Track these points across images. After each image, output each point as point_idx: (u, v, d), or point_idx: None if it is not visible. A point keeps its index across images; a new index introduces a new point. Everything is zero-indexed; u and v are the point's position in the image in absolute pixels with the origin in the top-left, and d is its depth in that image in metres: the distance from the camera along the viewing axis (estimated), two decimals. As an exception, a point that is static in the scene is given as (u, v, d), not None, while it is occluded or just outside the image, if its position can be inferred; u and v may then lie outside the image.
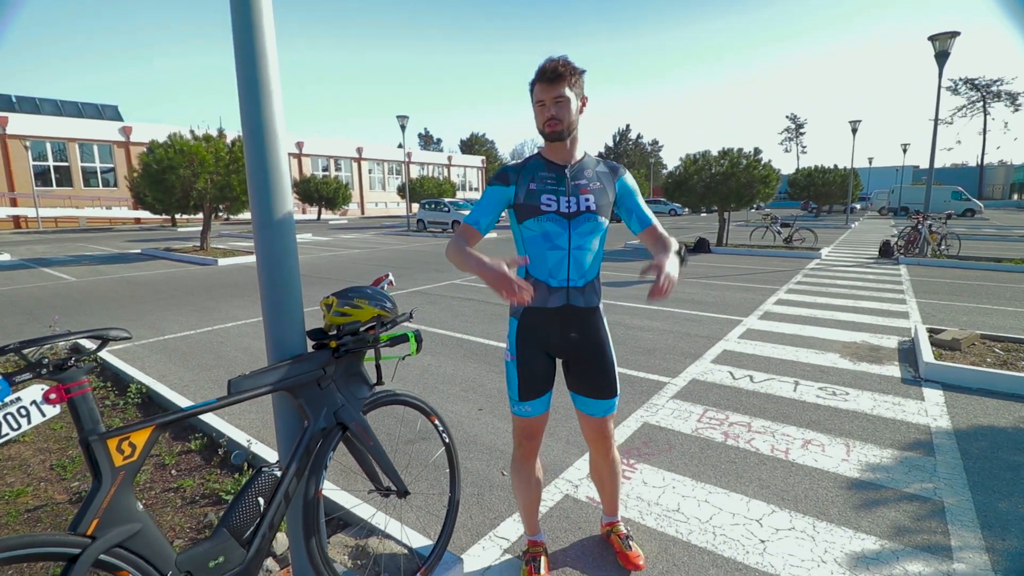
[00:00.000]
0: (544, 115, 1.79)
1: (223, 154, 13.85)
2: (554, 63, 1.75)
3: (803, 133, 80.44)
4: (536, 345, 1.95)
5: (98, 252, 16.30)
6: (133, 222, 32.19)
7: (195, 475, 2.84)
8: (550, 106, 1.78)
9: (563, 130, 1.80)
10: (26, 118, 28.94)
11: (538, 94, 1.78)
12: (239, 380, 1.45)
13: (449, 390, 4.31)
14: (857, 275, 10.32)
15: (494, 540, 2.41)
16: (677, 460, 3.12)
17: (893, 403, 3.94)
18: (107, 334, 1.28)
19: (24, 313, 7.52)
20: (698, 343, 5.57)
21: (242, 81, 1.53)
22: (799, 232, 15.85)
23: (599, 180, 1.92)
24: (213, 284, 9.97)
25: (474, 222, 1.86)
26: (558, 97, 1.77)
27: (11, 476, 2.87)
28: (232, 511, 1.46)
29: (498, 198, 1.87)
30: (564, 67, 1.75)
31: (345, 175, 43.52)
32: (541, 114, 1.80)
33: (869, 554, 2.28)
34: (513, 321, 1.99)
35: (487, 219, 1.87)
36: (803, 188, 35.12)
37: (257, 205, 1.60)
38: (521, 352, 1.95)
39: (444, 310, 7.36)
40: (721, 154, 14.92)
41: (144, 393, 3.99)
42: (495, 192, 1.87)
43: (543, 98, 1.78)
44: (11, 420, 1.11)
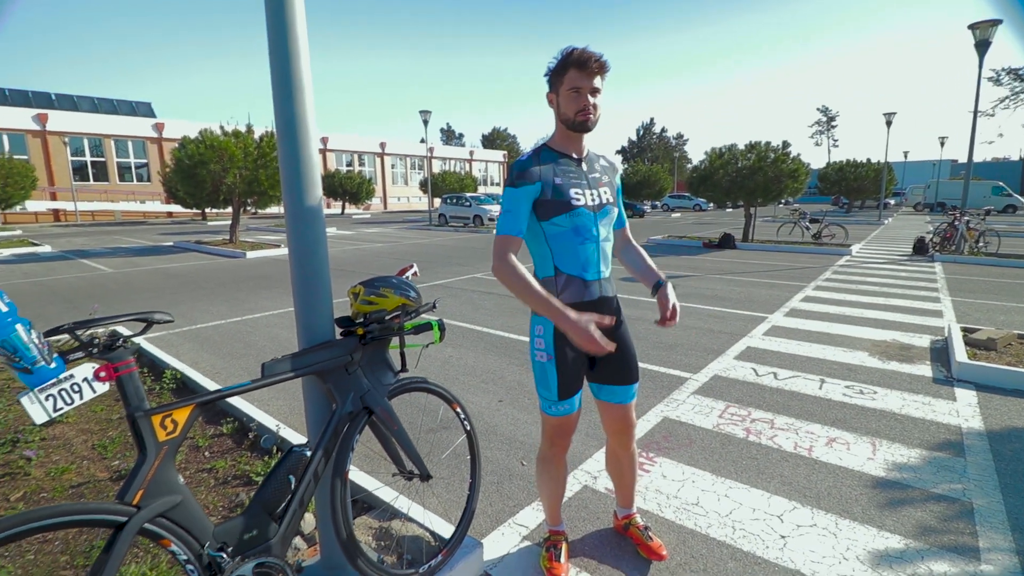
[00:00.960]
0: (579, 103, 1.75)
1: (251, 149, 14.16)
2: (591, 52, 1.73)
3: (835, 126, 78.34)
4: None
5: (133, 244, 16.86)
6: (165, 216, 33.15)
7: (227, 457, 2.96)
8: (586, 95, 1.75)
9: (594, 122, 1.80)
10: (65, 115, 30.00)
11: (574, 80, 1.74)
12: (273, 363, 1.52)
13: (470, 381, 4.36)
14: (889, 272, 10.06)
15: (513, 527, 2.45)
16: (697, 455, 3.11)
17: (923, 403, 3.86)
18: (152, 317, 1.35)
19: (65, 301, 7.84)
20: (721, 339, 5.52)
21: (276, 77, 1.59)
22: (829, 228, 15.50)
23: (606, 174, 1.97)
24: (242, 276, 10.23)
25: (517, 232, 1.77)
26: (595, 88, 1.76)
27: (56, 454, 3.02)
28: (265, 488, 1.53)
29: (528, 198, 1.79)
30: (602, 58, 1.75)
31: (368, 170, 44.03)
32: (575, 102, 1.76)
33: (893, 553, 2.26)
34: (547, 321, 1.90)
35: (525, 223, 1.80)
36: (834, 183, 34.20)
37: (289, 197, 1.66)
38: (560, 351, 1.91)
39: (465, 303, 7.43)
40: (748, 147, 14.64)
41: (179, 379, 4.15)
42: (524, 193, 1.78)
43: (580, 85, 1.74)
44: (65, 395, 1.19)
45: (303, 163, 1.65)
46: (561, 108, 1.81)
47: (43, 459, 2.96)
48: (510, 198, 1.79)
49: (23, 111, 28.55)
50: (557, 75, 1.79)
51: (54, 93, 33.60)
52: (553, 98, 1.84)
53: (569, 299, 1.88)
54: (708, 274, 9.90)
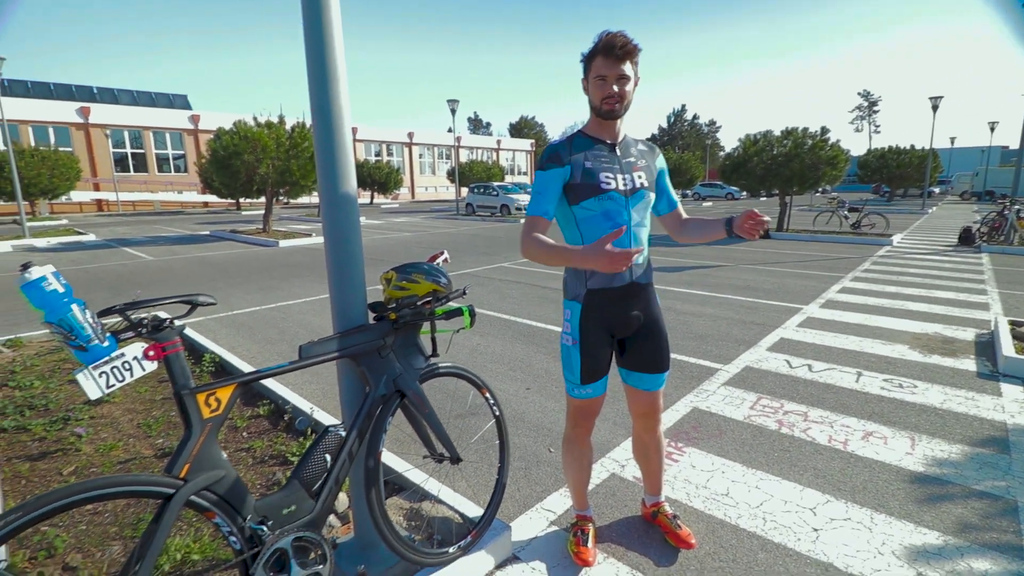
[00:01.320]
0: (604, 91, 1.75)
1: (283, 140, 14.43)
2: (622, 38, 1.70)
3: (876, 111, 75.06)
4: (601, 327, 1.94)
5: (171, 233, 17.43)
6: (202, 206, 34.13)
7: (263, 438, 3.06)
8: (612, 83, 1.74)
9: (621, 108, 1.79)
10: (106, 108, 31.06)
11: (600, 68, 1.73)
12: (310, 346, 1.57)
13: (497, 369, 4.40)
14: (933, 263, 9.68)
15: (541, 512, 2.48)
16: (727, 446, 3.08)
17: (966, 397, 3.72)
18: (196, 299, 1.41)
19: (109, 288, 8.18)
20: (753, 330, 5.41)
21: (311, 64, 1.62)
22: (869, 217, 14.95)
23: (643, 158, 1.95)
24: (275, 264, 10.49)
25: (543, 212, 1.79)
26: (622, 75, 1.74)
27: (104, 432, 3.18)
28: (303, 465, 1.58)
29: (557, 181, 1.80)
30: (629, 44, 1.71)
31: (396, 160, 44.38)
32: (600, 89, 1.75)
33: (931, 549, 2.20)
34: (575, 305, 1.94)
35: (553, 206, 1.82)
36: (875, 170, 32.83)
37: (324, 183, 1.70)
38: (585, 336, 1.92)
39: (492, 292, 7.46)
40: (784, 134, 14.19)
41: (217, 362, 4.29)
42: (553, 175, 1.79)
43: (606, 73, 1.73)
44: (117, 373, 1.25)
45: (337, 149, 1.68)
46: (591, 95, 1.81)
47: (92, 436, 3.11)
48: (539, 180, 1.83)
49: (67, 104, 29.68)
50: (588, 61, 1.79)
51: (96, 87, 34.81)
52: (586, 84, 1.83)
53: (597, 284, 1.90)
54: (740, 264, 9.70)
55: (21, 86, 31.72)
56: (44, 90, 32.34)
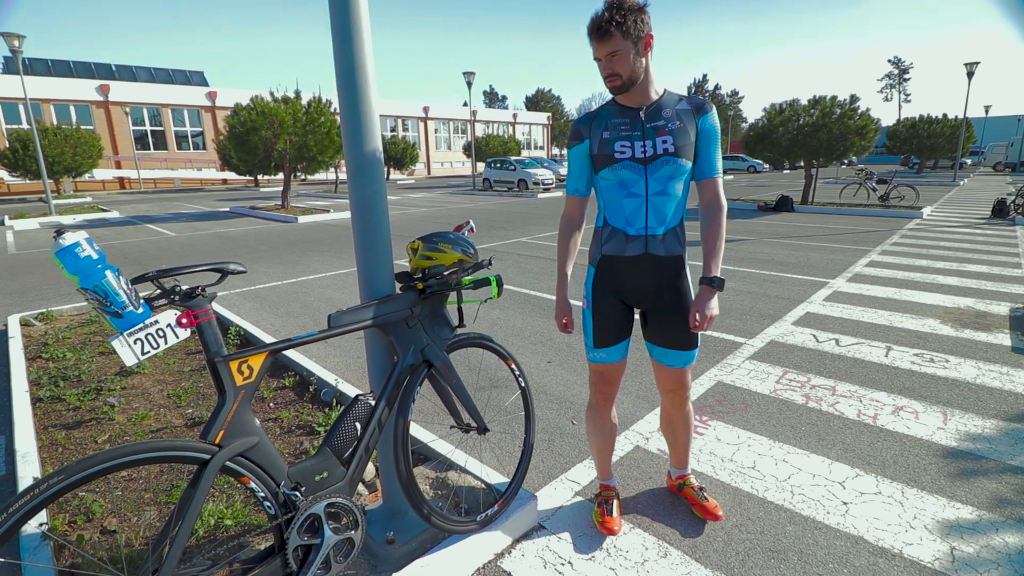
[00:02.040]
0: (603, 72, 1.73)
1: (300, 115, 14.36)
2: (599, 16, 1.64)
3: (907, 79, 71.94)
4: (612, 293, 1.94)
5: (192, 210, 17.64)
6: (221, 183, 34.44)
7: (290, 408, 3.10)
8: (606, 62, 1.70)
9: (624, 83, 1.72)
10: (125, 85, 31.21)
11: (594, 51, 1.72)
12: (339, 315, 1.56)
13: (518, 343, 4.39)
14: (964, 236, 9.37)
15: (565, 483, 2.49)
16: (753, 419, 3.04)
17: (1000, 372, 3.62)
18: (227, 267, 1.40)
19: (134, 263, 8.33)
20: (778, 304, 5.32)
21: (336, 26, 1.57)
22: (898, 189, 14.49)
23: (679, 119, 1.77)
24: (295, 240, 10.56)
25: (574, 191, 1.95)
26: (612, 52, 1.67)
27: (136, 402, 3.25)
28: (334, 433, 1.59)
29: (582, 157, 1.89)
30: (611, 19, 1.62)
31: (412, 135, 44.07)
32: (601, 71, 1.75)
33: (965, 523, 2.16)
34: (591, 268, 1.99)
35: (583, 182, 1.94)
36: (904, 141, 31.58)
37: (351, 152, 1.66)
38: (597, 299, 1.97)
39: (511, 266, 7.42)
40: (811, 103, 13.69)
41: (242, 335, 4.36)
42: (576, 152, 1.90)
43: (598, 55, 1.71)
44: (151, 340, 1.26)
45: (364, 117, 1.64)
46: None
47: (124, 406, 3.19)
48: (569, 158, 1.95)
49: (87, 83, 29.89)
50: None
51: (114, 64, 34.93)
52: None
53: (610, 251, 1.90)
54: (763, 237, 9.50)
55: (42, 65, 32.00)
56: (64, 68, 32.58)
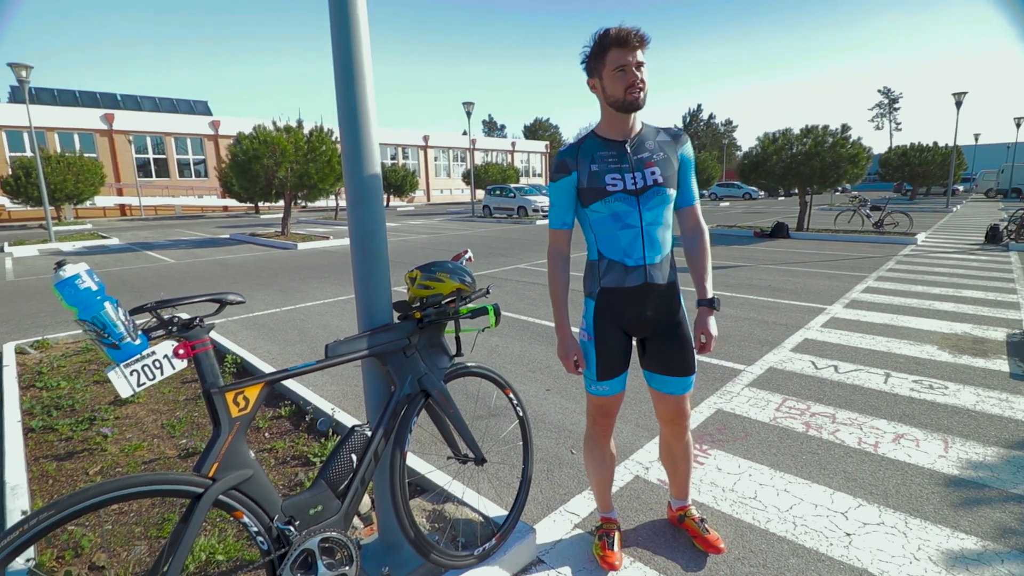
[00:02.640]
0: (627, 80, 1.70)
1: (302, 144, 14.59)
2: (625, 28, 1.68)
3: (897, 108, 73.53)
4: (615, 325, 1.92)
5: (193, 237, 17.72)
6: (221, 210, 34.68)
7: (285, 438, 3.07)
8: (632, 70, 1.70)
9: (644, 98, 1.74)
10: (129, 114, 31.72)
11: (617, 59, 1.69)
12: (336, 345, 1.56)
13: (517, 370, 4.37)
14: (959, 262, 9.44)
15: (565, 515, 2.45)
16: (753, 448, 3.01)
17: (1000, 399, 3.60)
18: (225, 298, 1.41)
19: (133, 290, 8.33)
20: (776, 331, 5.32)
21: (338, 60, 1.61)
22: (891, 216, 14.65)
23: (662, 150, 1.85)
24: (294, 267, 10.59)
25: (561, 224, 1.91)
26: (640, 62, 1.71)
27: (129, 432, 3.21)
28: (329, 465, 1.57)
29: (569, 189, 1.86)
30: (639, 32, 1.69)
31: (412, 163, 44.64)
32: (622, 80, 1.70)
33: (969, 554, 2.13)
34: (590, 302, 1.96)
35: (570, 215, 1.91)
36: (896, 168, 32.15)
37: (351, 181, 1.69)
38: (599, 332, 1.92)
39: (509, 293, 7.44)
40: (804, 132, 13.96)
41: (239, 363, 4.33)
42: (562, 186, 1.86)
43: (624, 63, 1.68)
44: (148, 371, 1.26)
45: (364, 147, 1.67)
46: (608, 91, 1.75)
47: (117, 436, 3.15)
48: (553, 191, 1.89)
49: (92, 111, 30.37)
50: (597, 58, 1.74)
51: (119, 94, 35.56)
52: (596, 83, 1.79)
53: (610, 283, 1.88)
54: (760, 264, 9.56)
55: (48, 94, 32.53)
56: (70, 98, 33.13)
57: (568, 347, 1.89)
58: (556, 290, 1.93)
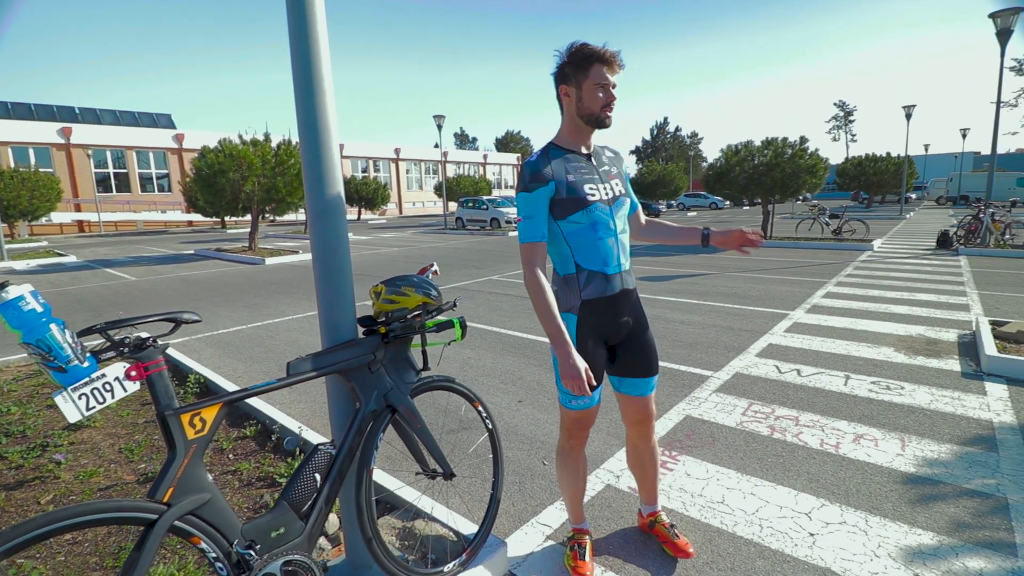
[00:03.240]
0: (606, 99, 1.77)
1: (269, 157, 14.37)
2: (616, 50, 1.77)
3: (852, 120, 76.73)
4: (597, 336, 1.92)
5: (155, 253, 17.19)
6: (186, 225, 33.78)
7: (251, 459, 2.99)
8: (611, 91, 1.78)
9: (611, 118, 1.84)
10: (88, 128, 30.74)
11: (599, 76, 1.74)
12: (298, 362, 1.53)
13: (489, 382, 4.36)
14: (913, 267, 9.85)
15: (536, 527, 2.44)
16: (721, 453, 3.07)
17: (952, 398, 3.76)
18: (180, 317, 1.37)
19: (90, 309, 8.02)
20: (742, 337, 5.45)
21: (297, 75, 1.61)
22: (849, 223, 15.22)
23: (614, 165, 2.00)
24: (261, 282, 10.37)
25: (541, 237, 1.79)
26: (615, 84, 1.80)
27: (84, 458, 3.08)
28: (292, 486, 1.54)
29: (545, 200, 1.79)
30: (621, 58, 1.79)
31: (384, 176, 44.39)
32: (601, 98, 1.77)
33: (926, 549, 2.20)
34: (570, 316, 1.90)
35: (546, 227, 1.82)
36: (853, 178, 33.52)
37: (312, 197, 1.68)
38: (582, 346, 1.89)
39: (482, 305, 7.44)
40: (765, 144, 14.45)
41: (202, 383, 4.21)
42: (540, 195, 1.77)
43: (606, 81, 1.75)
44: (98, 394, 1.21)
45: (324, 161, 1.66)
46: (584, 103, 1.78)
47: (72, 463, 3.02)
48: (527, 203, 1.78)
49: (48, 125, 29.31)
50: (579, 69, 1.76)
51: (78, 107, 34.47)
52: (571, 92, 1.80)
53: (592, 295, 1.89)
54: (726, 272, 9.79)
55: (1, 108, 31.32)
56: (24, 111, 31.96)
57: (577, 365, 1.69)
58: (546, 305, 1.75)
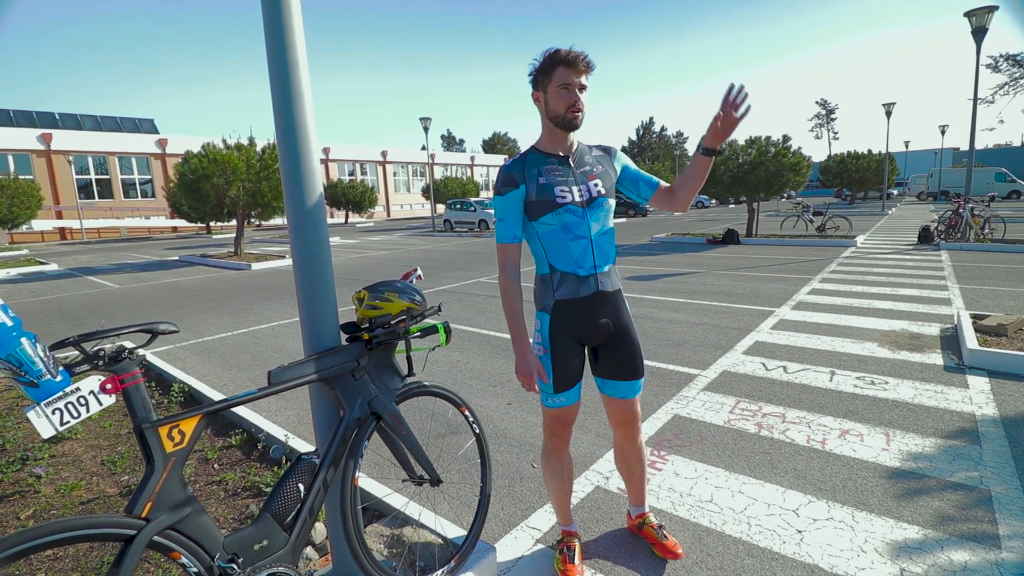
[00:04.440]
0: (569, 99, 1.77)
1: (254, 162, 14.23)
2: (573, 50, 1.76)
3: (834, 119, 77.64)
4: (570, 336, 1.94)
5: (139, 260, 16.95)
6: (171, 231, 33.35)
7: (236, 469, 2.95)
8: (575, 91, 1.77)
9: (581, 120, 1.82)
10: (69, 134, 30.25)
11: (563, 77, 1.76)
12: (279, 371, 1.51)
13: (478, 385, 4.35)
14: (895, 262, 9.99)
15: (526, 531, 2.43)
16: (709, 451, 3.08)
17: (935, 391, 3.81)
18: (156, 327, 1.35)
19: (72, 319, 7.88)
20: (729, 335, 5.48)
21: (275, 83, 1.59)
22: (833, 220, 15.41)
23: (600, 164, 1.96)
24: (247, 288, 10.27)
25: (512, 238, 1.87)
26: (583, 85, 1.79)
27: (66, 471, 3.02)
28: (275, 497, 1.52)
29: (516, 203, 1.85)
30: (586, 57, 1.77)
31: (371, 179, 44.16)
32: (564, 98, 1.78)
33: (912, 543, 2.23)
34: (544, 315, 1.96)
35: (519, 228, 1.89)
36: (835, 175, 34.06)
37: (291, 204, 1.66)
38: (555, 345, 1.93)
39: (471, 307, 7.42)
40: (748, 143, 14.59)
41: (186, 392, 4.15)
42: (511, 198, 1.84)
43: (569, 82, 1.76)
44: (72, 409, 1.19)
45: (304, 167, 1.64)
46: (550, 105, 1.82)
47: (52, 476, 2.96)
48: (499, 206, 1.86)
49: (28, 131, 28.80)
50: (544, 73, 1.81)
51: (58, 113, 33.88)
52: (540, 96, 1.85)
53: (565, 295, 1.91)
54: (713, 270, 9.86)
55: (-23, 114, 30.74)
56: (3, 117, 31.36)
57: (530, 363, 1.85)
58: (512, 305, 1.87)
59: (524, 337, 1.85)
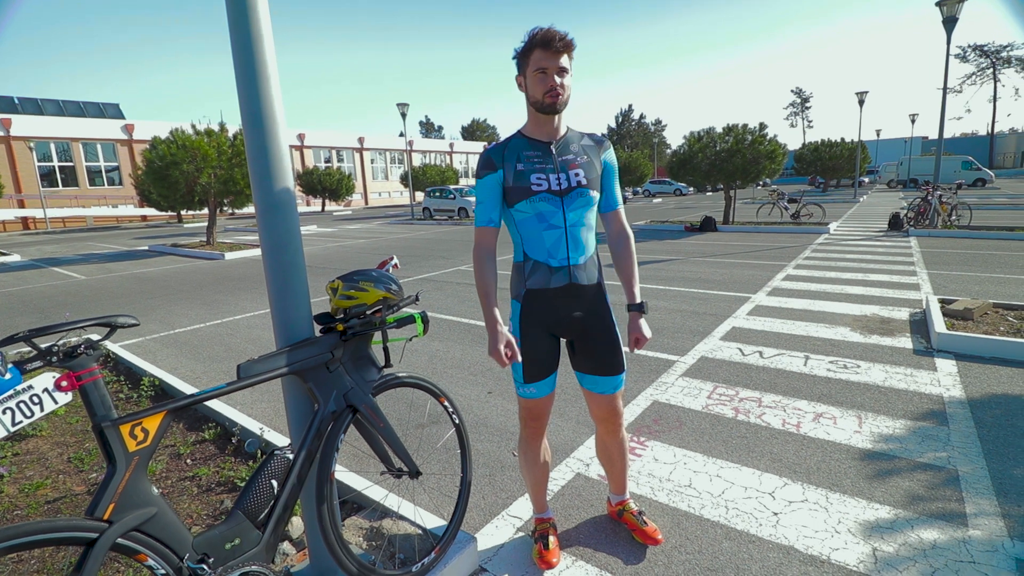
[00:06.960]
0: (546, 84, 1.71)
1: (225, 148, 13.83)
2: (552, 31, 1.69)
3: (809, 107, 79.07)
4: (540, 326, 1.92)
5: (106, 250, 16.42)
6: (140, 220, 32.37)
7: (210, 464, 2.88)
8: (553, 75, 1.71)
9: (562, 103, 1.76)
10: (29, 119, 29.02)
11: (539, 61, 1.70)
12: (249, 364, 1.46)
13: (458, 374, 4.32)
14: (866, 248, 10.21)
15: (507, 519, 2.43)
16: (688, 436, 3.12)
17: (905, 374, 3.91)
18: (115, 321, 1.28)
19: (37, 311, 7.60)
20: (706, 321, 5.54)
21: (239, 64, 1.51)
22: (807, 207, 15.67)
23: (586, 153, 1.88)
24: (221, 278, 10.02)
25: (488, 221, 1.84)
26: (561, 68, 1.71)
27: (30, 469, 2.91)
28: (246, 494, 1.47)
29: (494, 187, 1.82)
30: (564, 37, 1.70)
31: (348, 166, 43.42)
32: (542, 83, 1.72)
33: (883, 523, 2.28)
34: (515, 304, 1.94)
35: (496, 212, 1.85)
36: (810, 163, 34.65)
37: (259, 190, 1.59)
38: (525, 334, 1.91)
39: (450, 296, 7.36)
40: (726, 131, 14.69)
41: (157, 385, 4.03)
42: (489, 181, 1.82)
43: (546, 65, 1.69)
44: (24, 408, 1.12)
45: (272, 155, 1.58)
46: (529, 90, 1.78)
47: (16, 475, 2.85)
48: (479, 189, 1.85)
49: (-17, 117, 27.55)
50: (524, 56, 1.76)
51: (17, 97, 32.43)
52: (522, 80, 1.80)
53: (536, 284, 1.88)
54: (691, 257, 9.96)
55: (-72, 99, 29.25)
56: (-44, 102, 29.93)
57: (498, 339, 1.76)
58: (483, 284, 1.84)
59: (493, 315, 1.80)
